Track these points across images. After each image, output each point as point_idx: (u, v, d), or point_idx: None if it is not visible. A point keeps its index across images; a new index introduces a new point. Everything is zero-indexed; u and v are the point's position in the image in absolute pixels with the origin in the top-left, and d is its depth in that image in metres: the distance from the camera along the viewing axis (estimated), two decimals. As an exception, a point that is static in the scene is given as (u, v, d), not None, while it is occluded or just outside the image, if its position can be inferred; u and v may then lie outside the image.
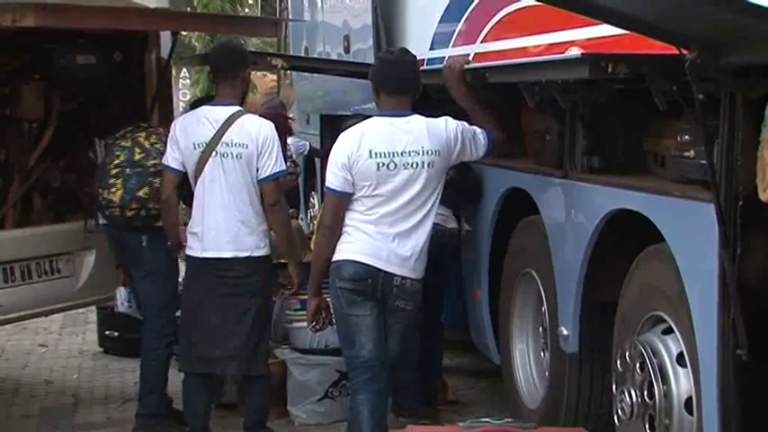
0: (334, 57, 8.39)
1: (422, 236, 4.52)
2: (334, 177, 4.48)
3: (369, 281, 4.44)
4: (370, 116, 4.72)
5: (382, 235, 4.45)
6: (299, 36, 9.86)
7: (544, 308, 5.15)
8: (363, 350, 4.45)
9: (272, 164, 5.02)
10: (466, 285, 6.10)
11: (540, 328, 5.34)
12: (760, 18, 2.94)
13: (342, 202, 4.49)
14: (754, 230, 3.54)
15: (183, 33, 9.01)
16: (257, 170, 5.02)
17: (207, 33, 20.19)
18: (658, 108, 4.03)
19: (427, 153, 4.49)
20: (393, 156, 4.45)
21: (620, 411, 4.28)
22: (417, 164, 4.46)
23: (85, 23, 5.46)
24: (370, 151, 4.43)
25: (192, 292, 5.13)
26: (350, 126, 4.68)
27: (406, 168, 4.44)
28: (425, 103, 6.35)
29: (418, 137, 4.50)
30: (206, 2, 23.15)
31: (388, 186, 4.44)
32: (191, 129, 5.10)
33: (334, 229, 4.50)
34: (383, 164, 4.43)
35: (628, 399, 4.20)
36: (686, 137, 3.98)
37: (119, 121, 5.68)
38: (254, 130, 5.05)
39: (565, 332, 4.80)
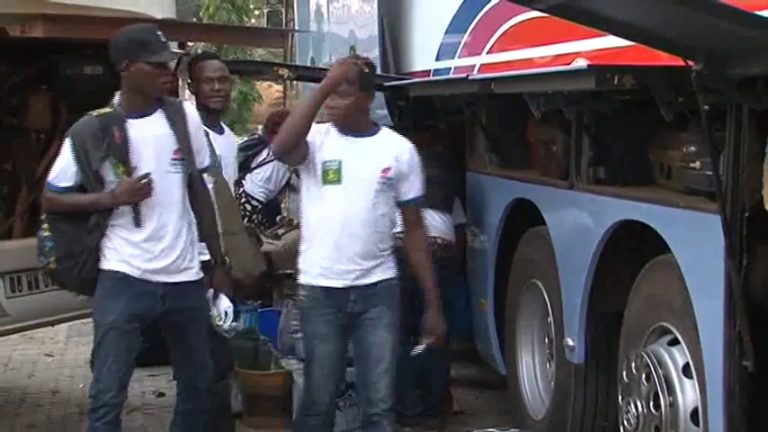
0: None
1: None
2: None
3: None
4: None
5: None
6: (306, 46, 9.87)
7: (550, 318, 5.15)
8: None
9: None
10: (472, 296, 6.10)
11: (546, 339, 5.34)
12: (765, 29, 2.95)
13: None
14: (760, 241, 3.55)
15: (190, 44, 9.01)
16: None
17: (213, 44, 20.26)
18: (664, 119, 4.04)
19: None
20: None
21: (626, 422, 4.28)
22: None
23: (93, 34, 5.48)
24: None
25: None
26: None
27: None
28: (430, 112, 6.40)
29: None
30: (212, 12, 23.20)
31: None
32: None
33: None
34: None
35: (634, 410, 4.20)
36: (692, 148, 3.98)
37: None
38: None
39: (570, 343, 4.80)
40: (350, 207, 4.31)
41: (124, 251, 4.22)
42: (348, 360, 4.84)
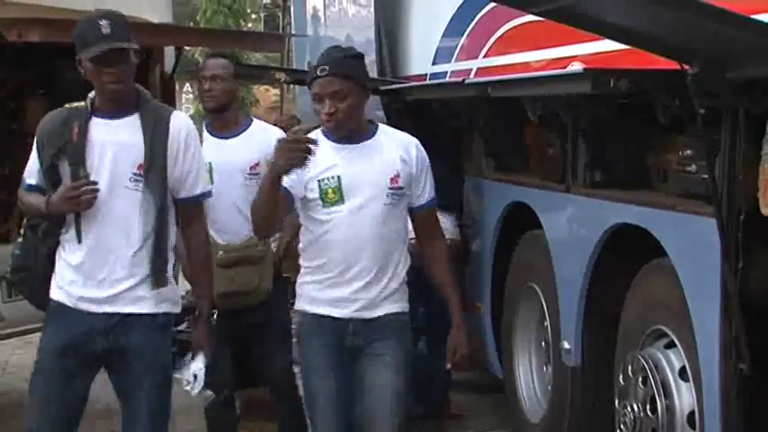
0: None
1: None
2: None
3: None
4: None
5: None
6: (303, 50, 9.89)
7: (546, 322, 5.15)
8: None
9: None
10: (468, 299, 6.11)
11: (543, 342, 5.34)
12: (761, 33, 2.95)
13: None
14: (756, 245, 3.55)
15: (187, 48, 9.01)
16: None
17: (211, 48, 20.28)
18: (660, 122, 4.05)
19: None
20: None
21: (622, 426, 4.28)
22: None
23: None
24: None
25: None
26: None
27: None
28: (429, 116, 6.40)
29: None
30: (209, 17, 23.21)
31: None
32: None
33: None
34: None
35: (630, 413, 4.20)
36: (688, 151, 3.99)
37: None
38: None
39: (567, 346, 4.80)
40: (356, 229, 3.65)
41: (64, 275, 3.58)
42: None
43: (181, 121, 3.63)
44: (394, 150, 3.75)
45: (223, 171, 4.62)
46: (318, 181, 3.65)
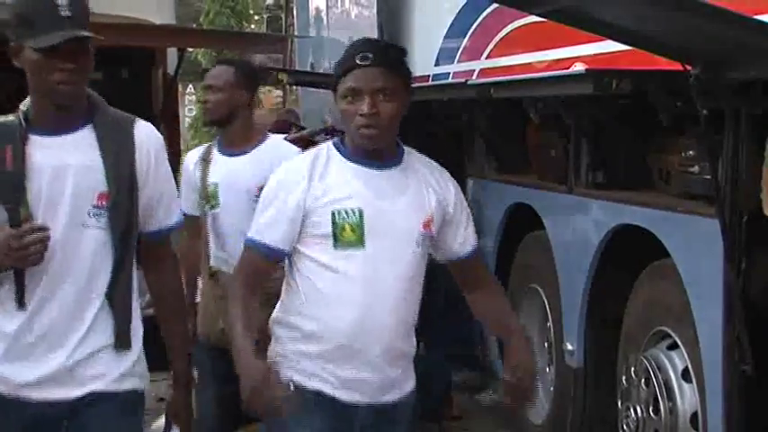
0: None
1: None
2: None
3: None
4: None
5: None
6: (306, 52, 9.90)
7: (549, 323, 5.15)
8: None
9: None
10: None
11: (546, 343, 5.34)
12: (763, 34, 2.95)
13: None
14: (759, 245, 3.55)
15: (189, 49, 9.05)
16: None
17: (213, 50, 20.30)
18: (662, 123, 4.04)
19: None
20: None
21: (625, 427, 4.28)
22: None
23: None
24: None
25: None
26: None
27: None
28: (430, 118, 6.40)
29: None
30: (212, 18, 23.24)
31: None
32: None
33: None
34: None
35: (633, 414, 4.20)
36: (690, 152, 3.99)
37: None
38: None
39: (570, 347, 4.80)
40: (376, 282, 2.73)
41: None
42: None
43: (147, 132, 2.78)
44: (427, 184, 2.82)
45: (228, 194, 4.03)
46: (333, 212, 2.71)
